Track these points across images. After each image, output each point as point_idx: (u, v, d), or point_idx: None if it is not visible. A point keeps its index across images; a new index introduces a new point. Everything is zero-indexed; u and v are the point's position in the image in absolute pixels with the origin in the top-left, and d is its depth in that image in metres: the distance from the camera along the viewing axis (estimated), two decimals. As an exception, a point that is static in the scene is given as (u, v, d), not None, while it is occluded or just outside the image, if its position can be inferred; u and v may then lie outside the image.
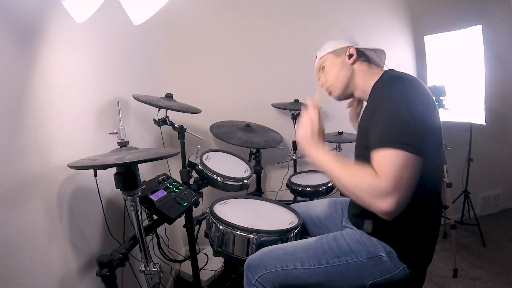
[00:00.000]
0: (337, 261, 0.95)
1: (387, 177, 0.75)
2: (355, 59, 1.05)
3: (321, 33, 2.18)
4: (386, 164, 0.77)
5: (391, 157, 0.77)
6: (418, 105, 0.82)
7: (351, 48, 1.06)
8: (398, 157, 0.76)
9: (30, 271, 0.79)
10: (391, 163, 0.76)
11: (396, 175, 0.75)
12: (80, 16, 0.81)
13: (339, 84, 1.09)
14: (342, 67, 1.07)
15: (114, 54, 1.38)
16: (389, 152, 0.77)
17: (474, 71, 2.05)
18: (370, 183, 0.78)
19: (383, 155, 0.78)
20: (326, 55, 1.11)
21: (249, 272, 1.01)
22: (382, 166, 0.78)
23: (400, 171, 0.75)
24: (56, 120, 0.93)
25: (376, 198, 0.76)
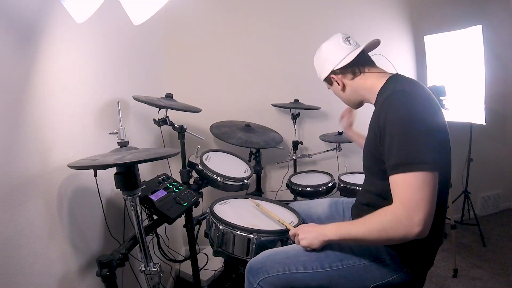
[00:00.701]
0: (340, 265, 0.95)
1: (408, 203, 0.77)
2: (343, 86, 1.05)
3: (321, 33, 2.16)
4: (404, 189, 0.78)
5: (408, 181, 0.77)
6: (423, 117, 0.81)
7: (332, 76, 1.05)
8: (415, 179, 0.77)
9: (30, 271, 0.79)
10: (409, 187, 0.77)
11: (416, 197, 0.76)
12: (80, 16, 0.81)
13: (347, 103, 1.14)
14: (339, 93, 1.10)
15: (114, 54, 1.38)
16: (405, 176, 0.78)
17: (474, 71, 2.05)
18: (393, 217, 0.79)
19: (399, 181, 0.79)
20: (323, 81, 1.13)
21: (251, 276, 1.00)
22: (400, 192, 0.79)
23: (420, 192, 0.76)
24: (56, 120, 0.93)
25: (405, 226, 0.77)
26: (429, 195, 0.76)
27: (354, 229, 0.87)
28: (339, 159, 2.30)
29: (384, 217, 0.81)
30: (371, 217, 0.84)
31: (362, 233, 0.85)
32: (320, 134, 2.10)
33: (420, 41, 2.41)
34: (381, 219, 0.81)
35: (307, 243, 0.96)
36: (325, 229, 0.94)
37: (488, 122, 2.06)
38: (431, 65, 2.38)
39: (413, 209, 0.76)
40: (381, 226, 0.81)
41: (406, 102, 0.83)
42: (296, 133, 2.18)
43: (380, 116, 0.86)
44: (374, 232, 0.82)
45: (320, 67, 1.09)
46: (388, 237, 0.80)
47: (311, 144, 2.32)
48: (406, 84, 0.90)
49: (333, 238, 0.92)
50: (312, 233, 0.96)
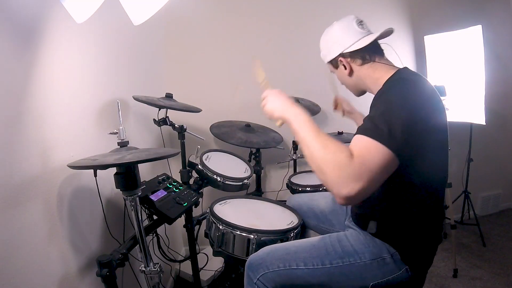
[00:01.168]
0: (341, 262, 0.95)
1: (360, 164, 0.73)
2: (350, 70, 1.01)
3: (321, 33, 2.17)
4: (364, 150, 0.75)
5: (371, 146, 0.75)
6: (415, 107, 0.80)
7: (341, 59, 1.01)
8: (376, 149, 0.75)
9: (30, 271, 0.79)
10: (369, 152, 0.75)
11: (369, 165, 0.73)
12: (80, 16, 0.81)
13: (351, 89, 1.10)
14: (344, 78, 1.07)
15: (114, 54, 1.38)
16: (371, 141, 0.76)
17: (474, 71, 2.05)
18: (341, 162, 0.74)
19: (363, 141, 0.77)
20: (327, 64, 1.09)
21: (251, 271, 1.00)
22: (358, 150, 0.76)
23: (374, 162, 0.73)
24: (56, 120, 0.93)
25: (341, 179, 0.73)
26: (380, 174, 0.74)
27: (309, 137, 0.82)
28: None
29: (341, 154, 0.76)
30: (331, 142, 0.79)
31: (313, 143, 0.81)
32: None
33: (420, 41, 2.41)
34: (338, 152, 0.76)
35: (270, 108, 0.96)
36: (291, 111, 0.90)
37: (488, 122, 2.06)
38: (431, 65, 2.38)
39: (361, 175, 0.72)
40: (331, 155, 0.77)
41: (403, 89, 0.84)
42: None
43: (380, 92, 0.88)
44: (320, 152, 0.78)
45: (327, 47, 1.05)
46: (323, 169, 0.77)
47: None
48: (412, 76, 0.91)
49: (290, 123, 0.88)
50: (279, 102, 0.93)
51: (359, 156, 0.75)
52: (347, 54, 1.00)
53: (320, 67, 2.25)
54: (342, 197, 0.74)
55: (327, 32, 1.07)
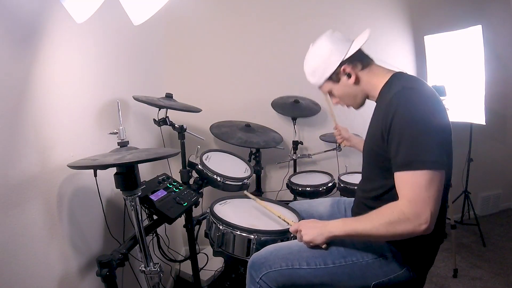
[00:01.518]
0: (343, 261, 0.95)
1: (416, 200, 0.78)
2: (356, 78, 0.99)
3: (321, 33, 2.17)
4: (412, 187, 0.79)
5: (415, 179, 0.78)
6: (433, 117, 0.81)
7: (345, 67, 0.98)
8: (423, 177, 0.77)
9: (30, 271, 0.79)
10: (416, 185, 0.78)
11: (423, 195, 0.77)
12: (80, 16, 0.81)
13: (354, 101, 1.06)
14: (347, 90, 1.03)
15: (114, 54, 1.38)
16: (413, 174, 0.78)
17: (474, 71, 2.05)
18: (400, 214, 0.79)
19: (406, 179, 0.80)
20: (325, 83, 1.05)
21: (253, 270, 1.00)
22: (407, 190, 0.79)
23: (427, 190, 0.77)
24: (56, 120, 0.93)
25: (412, 223, 0.78)
26: (435, 193, 0.77)
27: (360, 225, 0.87)
28: (339, 159, 2.30)
29: (391, 214, 0.81)
30: (378, 214, 0.84)
31: (369, 229, 0.84)
32: (320, 134, 2.10)
33: (420, 41, 2.40)
34: (389, 216, 0.81)
35: (309, 238, 0.95)
36: (330, 225, 0.94)
37: (488, 122, 2.06)
38: (431, 65, 2.38)
39: (420, 207, 0.77)
40: (388, 223, 0.81)
41: (417, 101, 0.83)
42: (296, 133, 2.17)
43: (388, 113, 0.84)
44: (381, 228, 0.82)
45: (322, 64, 1.01)
46: (395, 233, 0.81)
47: (311, 144, 2.31)
48: (415, 83, 0.90)
49: (339, 234, 0.91)
50: (316, 229, 0.95)
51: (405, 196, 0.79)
52: (347, 60, 0.98)
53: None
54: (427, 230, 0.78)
55: (313, 54, 1.05)
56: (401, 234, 0.81)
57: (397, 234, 0.81)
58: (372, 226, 0.84)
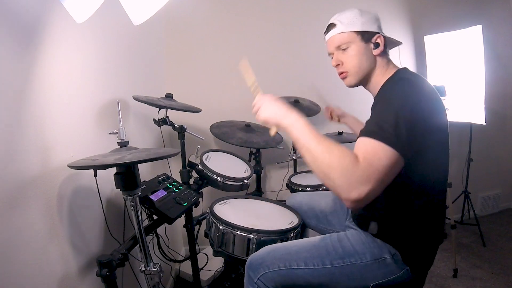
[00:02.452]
0: (341, 262, 0.95)
1: (367, 166, 0.73)
2: (381, 51, 0.96)
3: (320, 33, 2.17)
4: (370, 153, 0.75)
5: (377, 149, 0.75)
6: (416, 107, 0.80)
7: (380, 37, 0.96)
8: (383, 151, 0.75)
9: (30, 271, 0.79)
10: (375, 154, 0.75)
11: (376, 168, 0.73)
12: (80, 16, 0.81)
13: (356, 74, 0.99)
14: (366, 56, 0.97)
15: (114, 54, 1.38)
16: (377, 143, 0.76)
17: (474, 71, 2.05)
18: (348, 166, 0.73)
19: (369, 144, 0.77)
20: (351, 34, 0.97)
21: (251, 271, 1.00)
22: (364, 153, 0.75)
23: (381, 164, 0.74)
24: (56, 120, 0.93)
25: (350, 184, 0.73)
26: (387, 175, 0.74)
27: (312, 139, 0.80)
28: (339, 159, 2.30)
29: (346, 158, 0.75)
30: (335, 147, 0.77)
31: (315, 148, 0.79)
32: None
33: (420, 41, 2.41)
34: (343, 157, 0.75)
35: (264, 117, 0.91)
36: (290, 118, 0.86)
37: (488, 122, 2.06)
38: (431, 65, 2.38)
39: (368, 177, 0.72)
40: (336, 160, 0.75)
41: (404, 89, 0.85)
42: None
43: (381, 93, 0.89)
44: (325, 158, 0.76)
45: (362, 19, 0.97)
46: (330, 175, 0.75)
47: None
48: (411, 76, 0.92)
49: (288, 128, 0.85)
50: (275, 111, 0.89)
51: (365, 159, 0.75)
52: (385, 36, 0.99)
53: (320, 67, 2.25)
54: (352, 200, 0.73)
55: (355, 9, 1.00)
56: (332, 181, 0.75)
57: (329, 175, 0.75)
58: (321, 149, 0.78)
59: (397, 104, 0.81)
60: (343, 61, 1.00)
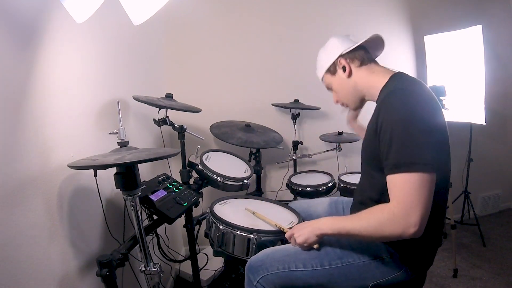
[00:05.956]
0: (340, 263, 0.95)
1: (405, 202, 0.77)
2: (349, 70, 1.02)
3: (320, 33, 2.18)
4: (402, 189, 0.78)
5: (405, 181, 0.77)
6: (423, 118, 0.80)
7: (341, 59, 1.02)
8: (413, 179, 0.77)
9: (30, 271, 0.79)
10: (406, 187, 0.77)
11: (413, 197, 0.76)
12: (80, 16, 0.81)
13: (348, 100, 1.09)
14: (343, 85, 1.06)
15: (114, 54, 1.38)
16: (403, 176, 0.78)
17: (474, 71, 2.05)
18: (389, 215, 0.79)
19: (396, 180, 0.79)
20: (324, 76, 1.10)
21: (251, 274, 1.00)
22: (397, 191, 0.79)
23: (417, 192, 0.76)
24: (56, 120, 0.93)
25: (401, 225, 0.77)
26: (426, 195, 0.77)
27: (349, 224, 0.87)
28: (339, 159, 2.30)
29: (381, 214, 0.81)
30: (368, 213, 0.84)
31: (358, 228, 0.84)
32: (320, 134, 2.10)
33: (420, 41, 2.41)
34: (378, 216, 0.81)
35: (302, 239, 0.95)
36: (319, 223, 0.94)
37: (488, 122, 2.06)
38: (431, 65, 2.38)
39: (411, 209, 0.76)
40: (377, 223, 0.81)
41: (406, 101, 0.83)
42: (296, 133, 2.18)
43: (379, 114, 0.86)
44: (370, 229, 0.82)
45: (325, 57, 1.07)
46: (383, 235, 0.81)
47: (311, 144, 2.32)
48: (407, 83, 0.90)
49: (328, 231, 0.91)
50: (307, 228, 0.96)
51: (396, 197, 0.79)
52: (345, 55, 1.02)
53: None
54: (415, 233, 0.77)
55: (325, 45, 1.10)
56: (390, 236, 0.80)
57: (385, 235, 0.80)
58: (361, 226, 0.84)
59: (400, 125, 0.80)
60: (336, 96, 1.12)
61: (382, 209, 0.81)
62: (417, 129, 0.79)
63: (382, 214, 0.80)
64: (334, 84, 1.09)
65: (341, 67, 1.03)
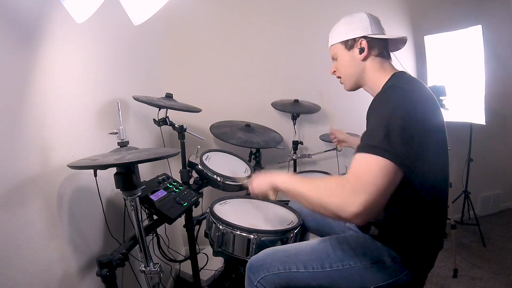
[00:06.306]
0: (340, 265, 0.94)
1: (358, 180, 0.74)
2: (366, 55, 0.98)
3: (321, 33, 2.17)
4: (361, 167, 0.76)
5: (367, 161, 0.76)
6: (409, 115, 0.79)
7: (363, 41, 0.98)
8: (375, 162, 0.74)
9: (30, 271, 0.79)
10: (366, 167, 0.75)
11: (368, 179, 0.73)
12: (80, 16, 0.81)
13: (348, 80, 1.06)
14: (351, 63, 1.01)
15: (114, 54, 1.38)
16: (367, 156, 0.76)
17: (474, 71, 2.05)
18: (335, 186, 0.77)
19: (360, 159, 0.78)
20: (336, 45, 1.04)
21: (251, 274, 1.00)
22: (356, 168, 0.77)
23: (374, 176, 0.73)
24: (56, 120, 0.93)
25: (344, 199, 0.73)
26: (382, 184, 0.73)
27: (301, 184, 0.85)
28: (339, 159, 2.30)
29: (332, 182, 0.80)
30: (322, 179, 0.84)
31: (306, 189, 0.83)
32: (320, 134, 2.10)
33: (420, 41, 2.41)
34: (329, 183, 0.81)
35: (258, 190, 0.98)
36: (275, 177, 0.94)
37: (488, 122, 2.06)
38: (431, 65, 2.38)
39: (361, 188, 0.72)
40: (324, 189, 0.79)
41: (397, 97, 0.83)
42: (296, 133, 2.17)
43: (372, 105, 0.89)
44: (315, 193, 0.80)
45: (350, 27, 1.01)
46: (324, 203, 0.77)
47: (311, 144, 2.32)
48: (406, 82, 0.91)
49: (281, 187, 0.91)
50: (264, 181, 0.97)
51: (354, 173, 0.76)
52: (369, 38, 0.99)
53: (321, 67, 2.25)
54: (352, 215, 0.72)
55: (352, 16, 1.03)
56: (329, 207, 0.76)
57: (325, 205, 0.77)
58: (309, 188, 0.82)
59: (385, 114, 0.80)
60: (336, 68, 1.09)
61: (336, 178, 0.82)
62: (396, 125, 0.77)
63: (333, 182, 0.79)
64: (342, 58, 1.04)
65: (360, 47, 0.99)
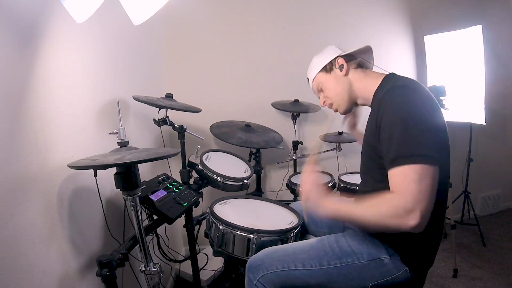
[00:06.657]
0: (338, 263, 0.95)
1: (406, 194, 0.76)
2: (347, 69, 1.04)
3: (321, 33, 2.18)
4: (403, 181, 0.77)
5: (406, 173, 0.77)
6: (424, 113, 0.81)
7: (339, 59, 1.05)
8: (413, 171, 0.76)
9: (30, 271, 0.79)
10: (407, 179, 0.76)
11: (414, 189, 0.75)
12: (80, 16, 0.81)
13: (341, 100, 1.08)
14: (337, 82, 1.06)
15: (114, 54, 1.38)
16: (403, 168, 0.77)
17: (474, 71, 2.05)
18: (390, 206, 0.78)
19: (398, 173, 0.79)
20: (317, 75, 1.10)
21: (251, 273, 1.01)
22: (398, 184, 0.78)
23: (418, 184, 0.75)
24: (56, 120, 0.93)
25: (401, 217, 0.75)
26: (428, 188, 0.75)
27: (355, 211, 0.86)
28: (339, 159, 2.30)
29: (382, 205, 0.80)
30: (370, 202, 0.83)
31: (359, 215, 0.84)
32: (320, 134, 2.10)
33: (420, 41, 2.41)
34: (379, 207, 0.80)
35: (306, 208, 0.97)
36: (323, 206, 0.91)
37: (488, 122, 2.06)
38: (431, 65, 2.38)
39: (411, 201, 0.75)
40: (377, 212, 0.80)
41: (408, 97, 0.83)
42: (296, 133, 2.18)
43: (379, 111, 0.86)
44: (370, 218, 0.82)
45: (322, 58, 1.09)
46: (383, 225, 0.79)
47: (311, 144, 2.32)
48: (407, 80, 0.91)
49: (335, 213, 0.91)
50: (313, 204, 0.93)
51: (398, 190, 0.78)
52: (343, 56, 1.06)
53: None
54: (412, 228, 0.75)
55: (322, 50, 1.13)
56: (389, 227, 0.78)
57: (385, 226, 0.79)
58: (363, 214, 0.83)
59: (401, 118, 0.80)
60: (325, 97, 1.13)
61: (383, 199, 0.80)
62: (419, 125, 0.79)
63: (383, 205, 0.79)
64: (327, 82, 1.09)
65: (339, 66, 1.05)
